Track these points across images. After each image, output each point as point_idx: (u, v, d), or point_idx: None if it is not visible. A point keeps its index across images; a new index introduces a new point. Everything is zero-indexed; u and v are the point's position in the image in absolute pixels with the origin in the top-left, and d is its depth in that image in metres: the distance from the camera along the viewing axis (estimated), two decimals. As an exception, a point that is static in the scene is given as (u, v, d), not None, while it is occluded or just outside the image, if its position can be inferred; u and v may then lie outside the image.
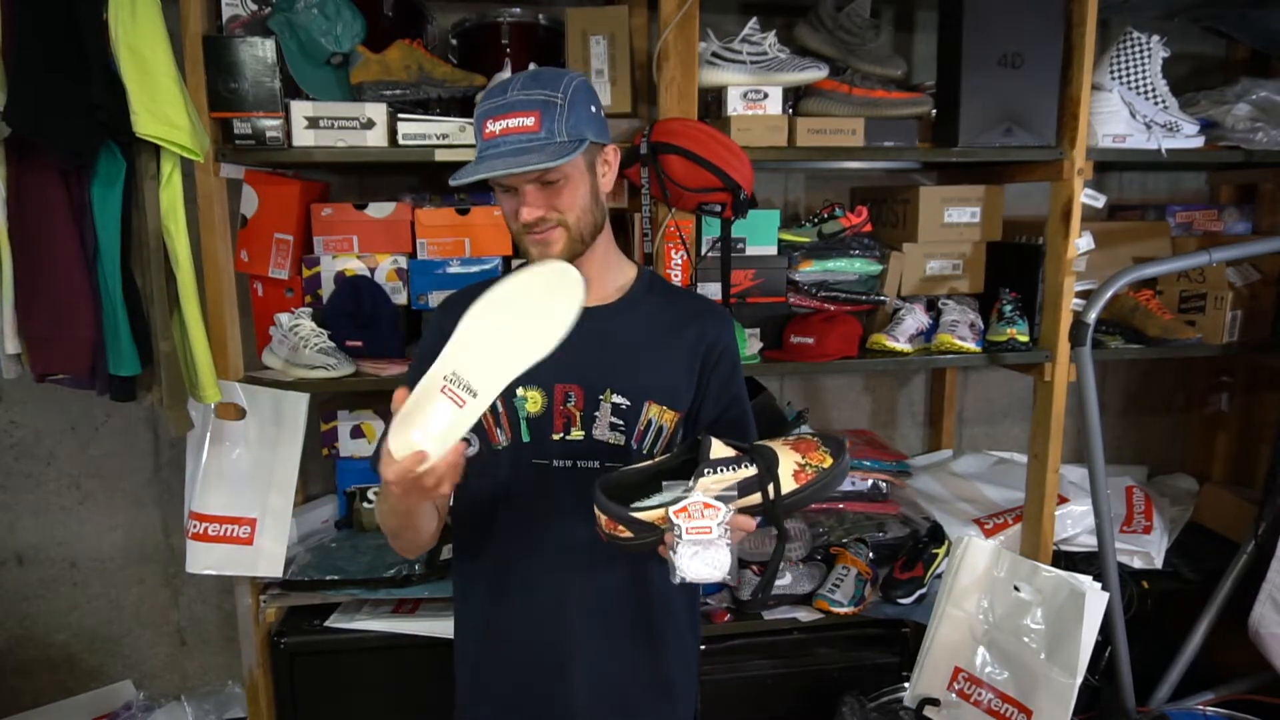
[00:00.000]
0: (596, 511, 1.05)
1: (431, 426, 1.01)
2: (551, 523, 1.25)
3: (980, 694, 1.80)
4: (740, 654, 1.94)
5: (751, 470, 1.04)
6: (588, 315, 1.20)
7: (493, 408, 1.20)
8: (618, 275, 1.30)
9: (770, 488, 1.04)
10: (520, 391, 1.23)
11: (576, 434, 1.24)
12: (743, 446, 1.08)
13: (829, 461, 1.08)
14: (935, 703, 1.84)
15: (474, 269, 1.85)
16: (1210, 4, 2.08)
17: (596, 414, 1.24)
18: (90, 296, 1.51)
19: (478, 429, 1.23)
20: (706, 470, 1.03)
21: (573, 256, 1.17)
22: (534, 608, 1.27)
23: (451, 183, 1.14)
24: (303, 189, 1.84)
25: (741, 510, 1.04)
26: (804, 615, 1.94)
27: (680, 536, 0.99)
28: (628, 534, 1.04)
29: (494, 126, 1.13)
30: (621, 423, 1.24)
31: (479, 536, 1.30)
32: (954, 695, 1.83)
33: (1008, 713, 1.76)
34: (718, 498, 1.00)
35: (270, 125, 1.64)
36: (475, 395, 1.02)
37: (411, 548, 1.27)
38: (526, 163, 1.09)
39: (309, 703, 1.84)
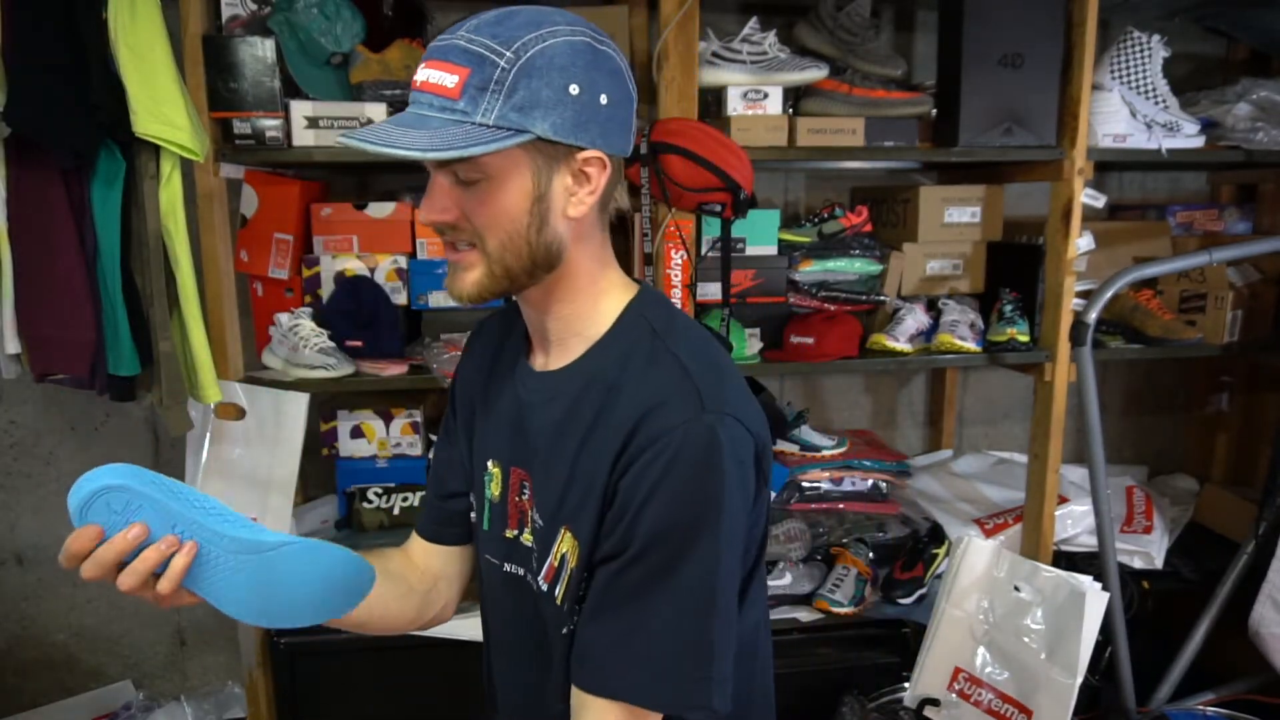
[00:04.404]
0: None
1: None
2: (506, 651, 0.98)
3: (980, 694, 1.80)
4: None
5: None
6: (538, 382, 0.90)
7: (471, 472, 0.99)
8: (590, 325, 0.87)
9: None
10: (490, 466, 0.93)
11: (527, 538, 0.90)
12: None
13: None
14: (935, 703, 1.84)
15: (474, 269, 1.85)
16: (1210, 4, 2.08)
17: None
18: (90, 296, 1.52)
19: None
20: None
21: (489, 296, 0.82)
22: None
23: (339, 141, 0.79)
24: (303, 189, 1.84)
25: None
26: (804, 615, 1.94)
27: None
28: None
29: (420, 74, 0.77)
30: (534, 548, 0.88)
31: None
32: (954, 695, 1.83)
33: (1008, 713, 1.76)
34: None
35: (270, 125, 1.64)
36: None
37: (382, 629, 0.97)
38: (399, 141, 0.73)
39: (309, 703, 1.84)
